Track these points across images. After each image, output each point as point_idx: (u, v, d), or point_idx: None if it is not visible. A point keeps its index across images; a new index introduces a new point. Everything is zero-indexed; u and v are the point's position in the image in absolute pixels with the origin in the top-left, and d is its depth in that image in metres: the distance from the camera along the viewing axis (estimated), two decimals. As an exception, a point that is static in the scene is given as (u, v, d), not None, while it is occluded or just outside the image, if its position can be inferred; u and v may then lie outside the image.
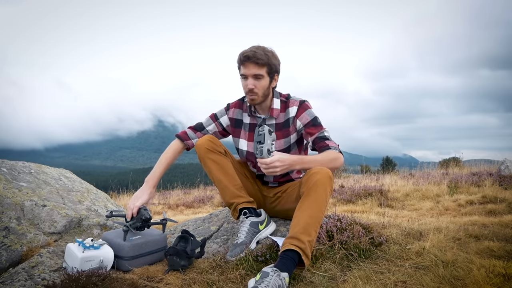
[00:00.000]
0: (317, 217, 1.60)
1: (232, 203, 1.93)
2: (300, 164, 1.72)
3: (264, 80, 1.84)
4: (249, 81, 1.83)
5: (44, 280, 1.53)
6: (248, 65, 1.81)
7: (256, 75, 1.82)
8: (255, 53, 1.79)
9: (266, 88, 1.87)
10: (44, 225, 2.00)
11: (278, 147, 1.94)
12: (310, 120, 1.89)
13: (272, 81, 1.90)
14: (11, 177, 2.27)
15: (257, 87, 1.83)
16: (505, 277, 1.43)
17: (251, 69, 1.81)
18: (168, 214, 5.08)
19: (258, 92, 1.85)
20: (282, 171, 1.65)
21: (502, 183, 4.70)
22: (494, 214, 3.30)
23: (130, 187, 7.94)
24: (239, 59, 1.84)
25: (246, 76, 1.84)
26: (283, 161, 1.63)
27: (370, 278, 1.52)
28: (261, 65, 1.80)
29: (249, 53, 1.80)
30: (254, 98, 1.86)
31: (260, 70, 1.81)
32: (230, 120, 2.06)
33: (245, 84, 1.85)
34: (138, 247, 1.74)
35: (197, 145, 1.94)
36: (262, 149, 1.59)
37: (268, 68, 1.83)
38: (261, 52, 1.80)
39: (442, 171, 6.93)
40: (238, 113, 2.05)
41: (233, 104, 2.07)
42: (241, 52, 1.84)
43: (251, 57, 1.79)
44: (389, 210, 3.97)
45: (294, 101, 1.94)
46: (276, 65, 1.87)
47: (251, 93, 1.85)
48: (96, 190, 2.81)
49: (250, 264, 1.65)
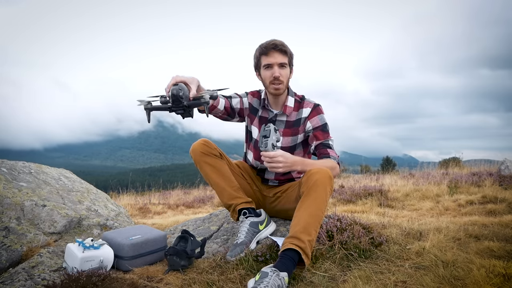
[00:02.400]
0: (317, 216, 1.60)
1: (230, 205, 1.93)
2: (301, 165, 1.74)
3: (287, 69, 1.89)
4: (275, 69, 1.85)
5: (44, 280, 1.53)
6: (273, 54, 1.84)
7: (282, 64, 1.85)
8: (281, 42, 1.85)
9: (288, 78, 1.92)
10: (44, 225, 2.00)
11: (285, 144, 1.96)
12: (320, 125, 1.92)
13: (291, 72, 1.93)
14: (11, 177, 2.27)
15: (283, 75, 1.86)
16: (505, 277, 1.43)
17: (277, 58, 1.84)
18: (168, 214, 5.07)
19: (284, 80, 1.87)
20: (284, 169, 1.66)
21: (502, 183, 4.69)
22: (494, 214, 3.30)
23: (130, 187, 7.94)
24: (263, 49, 1.86)
25: (271, 65, 1.85)
26: (286, 158, 1.66)
27: (370, 278, 1.52)
28: (286, 54, 1.85)
29: (275, 41, 1.84)
30: (279, 87, 1.88)
31: (284, 58, 1.85)
32: (249, 104, 2.07)
33: (270, 73, 1.86)
34: (138, 247, 1.74)
35: (192, 149, 1.94)
36: (267, 142, 1.62)
37: (289, 58, 1.89)
38: (283, 42, 1.86)
39: (442, 171, 6.93)
40: (255, 102, 2.07)
41: (251, 93, 2.09)
42: (264, 43, 1.87)
43: (278, 45, 1.83)
44: (389, 210, 3.96)
45: (309, 103, 1.97)
46: (293, 57, 1.92)
47: (277, 82, 1.87)
48: (96, 190, 2.81)
49: (250, 264, 1.65)
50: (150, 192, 8.35)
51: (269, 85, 1.90)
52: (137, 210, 5.33)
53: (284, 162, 1.64)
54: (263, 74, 1.90)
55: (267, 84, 1.90)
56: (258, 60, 1.90)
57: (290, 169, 1.69)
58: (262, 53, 1.86)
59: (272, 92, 1.92)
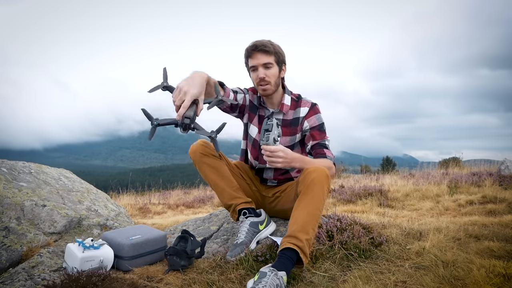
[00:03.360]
0: (314, 215, 1.60)
1: (230, 205, 1.94)
2: (301, 162, 1.73)
3: (273, 68, 1.86)
4: (259, 70, 1.85)
5: (44, 280, 1.53)
6: (256, 55, 1.83)
7: (265, 64, 1.84)
8: (262, 42, 1.83)
9: (277, 77, 1.89)
10: (44, 225, 2.00)
11: (284, 143, 1.96)
12: (317, 125, 1.93)
13: (281, 71, 1.92)
14: (11, 177, 2.27)
15: (268, 75, 1.85)
16: (505, 277, 1.43)
17: (260, 59, 1.83)
18: (168, 214, 5.06)
19: (270, 80, 1.86)
20: (283, 164, 1.65)
21: (502, 183, 4.69)
22: (494, 214, 3.30)
23: (130, 187, 7.94)
24: (247, 52, 1.87)
25: (255, 66, 1.85)
26: (286, 154, 1.64)
27: (370, 278, 1.52)
28: (269, 54, 1.84)
29: (256, 43, 1.84)
30: (266, 88, 1.88)
31: (268, 58, 1.84)
32: (250, 102, 2.06)
33: (256, 75, 1.86)
34: (138, 247, 1.74)
35: (191, 150, 1.94)
36: (268, 136, 1.61)
37: (276, 57, 1.86)
38: (266, 42, 1.85)
39: (442, 171, 6.93)
40: (255, 99, 2.06)
41: (251, 89, 2.08)
42: (247, 46, 1.87)
43: (259, 46, 1.82)
44: (389, 210, 3.96)
45: (306, 102, 1.97)
46: (283, 54, 1.90)
47: (263, 82, 1.86)
48: (96, 190, 2.81)
49: (250, 264, 1.65)
50: (150, 192, 8.35)
51: (257, 86, 1.91)
52: (137, 210, 5.33)
53: (284, 158, 1.63)
54: (252, 76, 1.92)
55: (256, 86, 1.93)
56: (246, 63, 1.92)
57: (289, 165, 1.68)
58: (247, 55, 1.88)
59: (261, 93, 1.93)
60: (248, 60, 1.88)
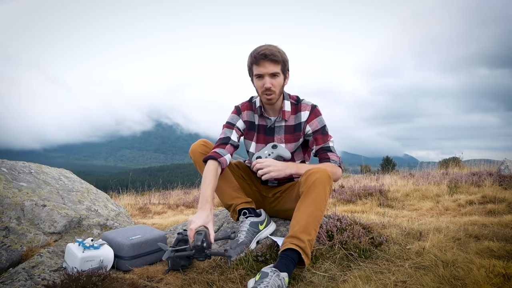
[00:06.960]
0: (316, 216, 1.60)
1: (230, 205, 1.94)
2: (295, 168, 1.78)
3: (280, 78, 1.81)
4: (266, 79, 1.79)
5: (44, 280, 1.53)
6: (264, 64, 1.77)
7: (273, 74, 1.78)
8: (271, 51, 1.75)
9: (282, 86, 1.85)
10: (44, 225, 2.00)
11: (289, 149, 1.94)
12: (319, 128, 1.90)
13: (285, 79, 1.88)
14: (11, 177, 2.27)
15: (274, 85, 1.80)
16: (505, 277, 1.43)
17: (268, 67, 1.77)
18: (168, 214, 5.06)
19: (276, 90, 1.82)
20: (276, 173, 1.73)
21: (502, 183, 4.69)
22: (494, 214, 3.30)
23: (130, 187, 7.93)
24: (253, 58, 1.79)
25: (262, 75, 1.79)
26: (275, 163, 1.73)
27: (370, 278, 1.52)
28: (277, 63, 1.77)
29: (265, 51, 1.75)
30: (272, 98, 1.83)
31: (276, 68, 1.78)
32: (245, 123, 2.01)
33: (261, 84, 1.80)
34: (138, 247, 1.74)
35: (191, 150, 1.93)
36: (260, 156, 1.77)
37: (282, 65, 1.81)
38: (275, 49, 1.77)
39: (442, 171, 6.93)
40: (250, 115, 2.01)
41: (243, 107, 2.02)
42: (254, 51, 1.79)
43: (268, 55, 1.75)
44: (389, 210, 3.96)
45: (306, 105, 1.93)
46: (288, 62, 1.85)
47: (269, 92, 1.81)
48: (96, 190, 2.81)
49: (250, 264, 1.65)
50: (150, 192, 8.34)
51: (261, 94, 1.86)
52: (137, 210, 5.32)
53: (273, 166, 1.71)
54: (255, 83, 1.85)
55: (260, 93, 1.87)
56: (250, 69, 1.85)
57: (283, 172, 1.74)
58: (253, 62, 1.80)
59: (265, 102, 1.88)
60: (253, 67, 1.81)
